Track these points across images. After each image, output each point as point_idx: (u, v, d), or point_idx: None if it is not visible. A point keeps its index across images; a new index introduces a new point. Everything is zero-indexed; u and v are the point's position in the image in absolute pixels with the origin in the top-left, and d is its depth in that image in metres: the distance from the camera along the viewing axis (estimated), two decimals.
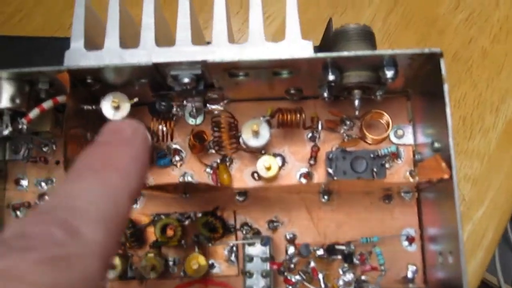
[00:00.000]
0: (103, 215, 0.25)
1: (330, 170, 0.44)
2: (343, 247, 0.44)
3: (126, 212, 0.28)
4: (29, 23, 0.62)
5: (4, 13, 0.62)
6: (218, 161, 0.47)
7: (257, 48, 0.39)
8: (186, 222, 0.46)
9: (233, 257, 0.46)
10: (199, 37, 0.47)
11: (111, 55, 0.40)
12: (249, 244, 0.44)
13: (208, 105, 0.48)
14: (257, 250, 0.44)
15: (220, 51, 0.40)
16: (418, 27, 0.65)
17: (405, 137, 0.47)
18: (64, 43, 0.41)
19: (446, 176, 0.38)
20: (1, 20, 0.62)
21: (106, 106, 0.43)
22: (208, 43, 0.41)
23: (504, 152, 0.61)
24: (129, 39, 0.43)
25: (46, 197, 0.48)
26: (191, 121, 0.47)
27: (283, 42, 0.40)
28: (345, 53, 0.39)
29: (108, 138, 0.31)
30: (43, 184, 0.48)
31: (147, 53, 0.40)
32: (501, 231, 0.60)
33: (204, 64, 0.39)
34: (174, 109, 0.47)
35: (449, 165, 0.38)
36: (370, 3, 0.65)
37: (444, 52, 0.41)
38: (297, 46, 0.39)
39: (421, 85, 0.44)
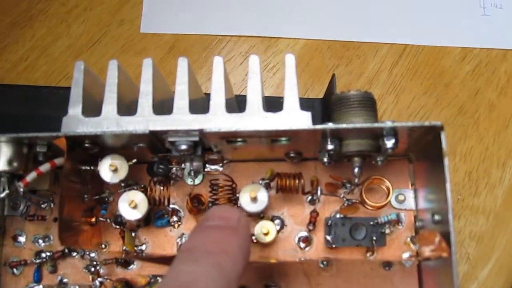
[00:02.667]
0: None
1: (329, 238, 0.44)
2: None
3: None
4: (34, 72, 0.62)
5: (9, 61, 0.63)
6: None
7: (254, 118, 0.39)
8: None
9: None
10: (197, 92, 0.47)
11: (109, 122, 0.40)
12: None
13: (207, 165, 0.47)
14: None
15: (217, 120, 0.39)
16: (424, 79, 0.64)
17: (406, 201, 0.46)
18: (67, 93, 0.41)
19: (444, 255, 0.37)
20: (6, 68, 0.62)
21: (104, 169, 0.43)
22: (208, 94, 0.40)
23: (510, 209, 0.59)
24: (131, 103, 0.42)
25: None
26: (190, 181, 0.47)
27: (281, 113, 0.39)
28: (343, 126, 0.38)
29: (217, 223, 0.33)
30: (40, 241, 0.48)
31: (144, 120, 0.40)
32: None
33: (201, 132, 0.39)
34: (174, 169, 0.47)
35: (449, 243, 0.37)
36: (375, 54, 0.65)
37: (450, 104, 0.40)
38: (295, 116, 0.39)
39: (422, 151, 0.44)
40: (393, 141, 0.40)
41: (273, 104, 0.42)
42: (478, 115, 0.63)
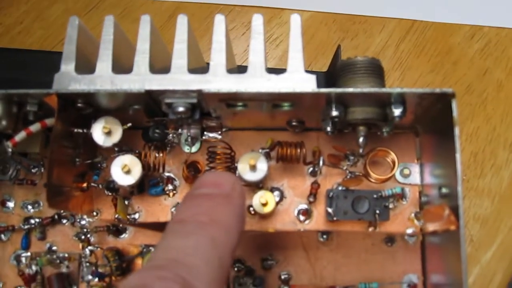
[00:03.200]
0: (214, 275, 0.26)
1: (330, 210, 0.42)
2: None
3: (228, 269, 0.29)
4: (29, 36, 0.60)
5: (3, 25, 0.60)
6: None
7: (256, 80, 0.37)
8: None
9: None
10: (198, 61, 0.45)
11: (103, 80, 0.38)
12: (240, 284, 0.41)
13: (205, 132, 0.46)
14: None
15: (217, 81, 0.37)
16: (432, 56, 0.62)
17: (412, 176, 0.44)
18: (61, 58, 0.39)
19: (453, 228, 0.35)
20: (0, 31, 0.60)
21: (97, 131, 0.41)
22: (208, 64, 0.38)
23: None
24: (127, 64, 0.40)
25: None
26: (187, 149, 0.45)
27: (285, 75, 0.37)
28: (350, 90, 0.36)
29: (209, 191, 0.31)
30: (29, 207, 0.46)
31: (140, 79, 0.38)
32: (510, 275, 0.57)
33: (199, 93, 0.37)
34: (170, 136, 0.45)
35: (457, 216, 0.35)
36: (382, 29, 0.63)
37: (457, 83, 0.38)
38: (299, 79, 0.37)
39: (431, 123, 0.42)
40: (401, 109, 0.38)
41: None
42: (486, 95, 0.61)
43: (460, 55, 0.62)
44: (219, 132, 0.45)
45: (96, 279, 0.43)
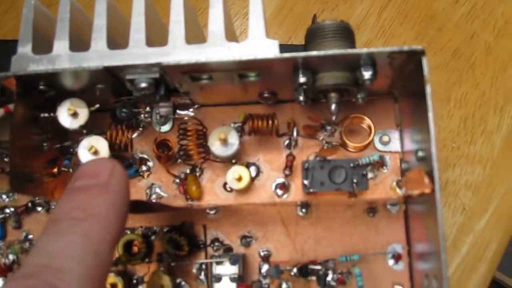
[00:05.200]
0: (88, 273, 0.25)
1: (306, 182, 0.40)
2: (319, 267, 0.40)
3: (108, 263, 0.27)
4: (1, 27, 0.59)
5: None
6: (188, 171, 0.44)
7: (216, 49, 0.36)
8: (152, 238, 0.43)
9: (202, 276, 0.42)
10: (197, 35, 0.44)
11: (61, 59, 0.37)
12: (217, 263, 0.40)
13: (177, 110, 0.44)
14: (226, 269, 0.40)
15: (177, 53, 0.36)
16: (415, 23, 0.60)
17: (392, 143, 0.43)
18: None
19: (427, 191, 0.34)
20: None
21: (63, 114, 0.40)
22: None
23: (509, 156, 0.56)
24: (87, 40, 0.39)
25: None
26: (158, 127, 0.44)
27: (246, 42, 0.36)
28: (314, 53, 0.34)
29: (85, 183, 0.29)
30: (4, 196, 0.45)
31: (99, 56, 0.37)
32: (506, 242, 0.55)
33: (160, 67, 0.36)
34: (142, 115, 0.44)
35: (432, 178, 0.34)
36: None
37: (443, 48, 0.37)
38: (261, 46, 0.36)
39: (406, 86, 0.40)
40: (370, 72, 0.36)
41: None
42: (474, 59, 0.59)
43: (445, 20, 0.60)
44: (191, 110, 0.44)
45: None
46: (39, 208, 0.45)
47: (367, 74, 0.36)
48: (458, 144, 0.56)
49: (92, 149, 0.39)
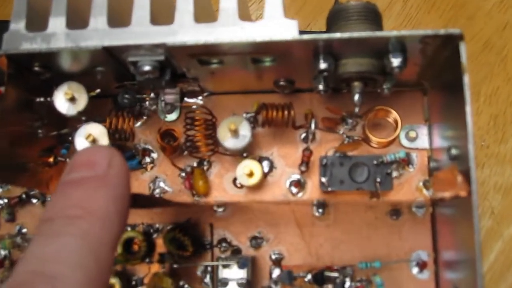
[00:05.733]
0: (87, 279, 0.22)
1: (324, 180, 0.37)
2: (336, 274, 0.36)
3: (109, 266, 0.24)
4: (4, 7, 0.56)
5: None
6: (195, 164, 0.40)
7: (228, 29, 0.32)
8: (154, 236, 0.40)
9: (207, 279, 0.39)
10: (208, 13, 0.40)
11: (56, 37, 0.34)
12: (224, 266, 0.37)
13: (185, 98, 0.41)
14: (233, 273, 0.37)
15: (184, 32, 0.32)
16: (444, 11, 0.56)
17: (419, 139, 0.39)
18: None
19: (463, 194, 0.30)
20: None
21: (59, 98, 0.37)
22: None
23: None
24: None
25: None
26: (164, 116, 0.40)
27: (261, 22, 0.32)
28: (337, 35, 0.31)
29: (81, 175, 0.26)
30: None
31: (98, 34, 0.33)
32: None
33: (165, 48, 0.32)
34: (147, 102, 0.40)
35: (468, 180, 0.30)
36: None
37: (473, 39, 0.33)
38: (278, 26, 0.32)
39: (438, 77, 0.36)
40: (400, 59, 0.32)
41: None
42: (506, 52, 0.55)
43: (476, 8, 0.56)
44: (200, 97, 0.41)
45: None
46: (34, 200, 0.42)
47: (396, 61, 0.32)
48: (487, 143, 0.51)
49: (90, 137, 0.36)
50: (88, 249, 0.23)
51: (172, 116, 0.40)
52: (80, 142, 0.37)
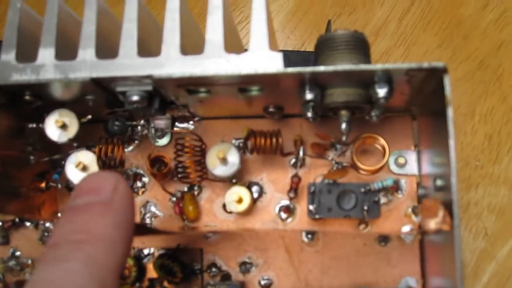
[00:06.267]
0: None
1: (312, 207, 0.37)
2: None
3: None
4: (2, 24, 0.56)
5: None
6: (185, 189, 0.40)
7: (214, 61, 0.32)
8: (145, 261, 0.40)
9: None
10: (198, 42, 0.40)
11: (45, 68, 0.34)
12: None
13: (176, 123, 0.41)
14: None
15: (170, 64, 0.33)
16: (439, 29, 0.56)
17: (408, 165, 0.39)
18: None
19: (445, 228, 0.30)
20: None
21: (50, 126, 0.37)
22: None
23: None
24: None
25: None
26: (156, 142, 0.41)
27: (246, 54, 0.32)
28: (321, 68, 0.31)
29: (86, 200, 0.26)
30: None
31: (86, 66, 0.34)
32: None
33: (152, 79, 0.33)
34: (139, 128, 0.41)
35: (451, 213, 0.30)
36: (383, 2, 0.57)
37: (469, 58, 0.33)
38: (263, 58, 0.32)
39: (425, 104, 0.36)
40: (385, 89, 0.32)
41: None
42: (501, 71, 0.54)
43: (471, 27, 0.56)
44: (191, 122, 0.41)
45: None
46: (28, 223, 0.42)
47: (381, 92, 0.32)
48: (482, 163, 0.51)
49: (80, 165, 0.36)
50: (93, 274, 0.23)
51: (163, 141, 0.41)
52: (71, 169, 0.37)
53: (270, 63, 0.32)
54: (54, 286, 0.22)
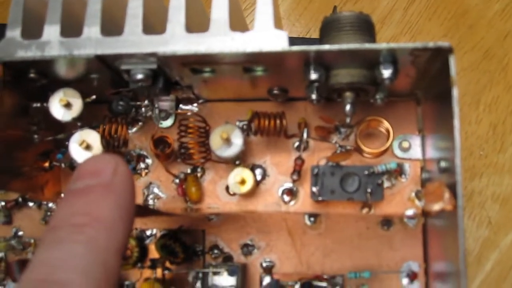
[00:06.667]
0: (96, 285, 0.22)
1: (315, 189, 0.37)
2: (324, 284, 0.36)
3: (116, 274, 0.24)
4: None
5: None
6: (189, 171, 0.40)
7: (219, 39, 0.32)
8: (147, 242, 0.40)
9: (198, 284, 0.39)
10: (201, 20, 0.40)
11: (51, 45, 0.34)
12: (214, 273, 0.37)
13: (181, 105, 0.41)
14: (223, 280, 0.37)
15: (175, 42, 0.33)
16: (445, 19, 0.56)
17: (412, 150, 0.39)
18: None
19: (448, 208, 0.30)
20: None
21: (55, 105, 0.37)
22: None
23: None
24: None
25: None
26: (160, 123, 0.41)
27: (251, 33, 0.32)
28: (326, 47, 0.31)
29: (86, 183, 0.26)
30: None
31: (91, 43, 0.34)
32: None
33: (157, 57, 0.33)
34: (143, 109, 0.41)
35: (454, 194, 0.30)
36: None
37: (474, 48, 0.33)
38: (268, 37, 0.32)
39: (430, 87, 0.36)
40: (390, 70, 0.32)
41: None
42: (507, 61, 0.54)
43: (477, 17, 0.55)
44: (195, 104, 0.41)
45: None
46: (31, 203, 0.42)
47: (386, 73, 0.32)
48: (486, 152, 0.51)
49: (84, 144, 0.36)
50: (95, 256, 0.23)
51: (167, 123, 0.41)
52: (74, 148, 0.37)
53: (275, 41, 0.32)
54: (57, 266, 0.22)
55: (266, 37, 0.32)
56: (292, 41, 0.40)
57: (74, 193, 0.26)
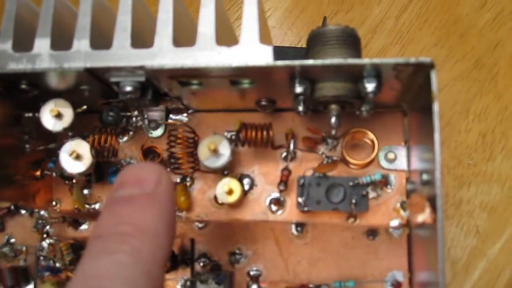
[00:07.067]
0: None
1: (301, 199, 0.37)
2: None
3: (161, 283, 0.24)
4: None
5: None
6: (178, 180, 0.41)
7: (205, 53, 0.33)
8: None
9: None
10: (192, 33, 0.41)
11: (41, 58, 0.35)
12: (201, 281, 0.38)
13: (171, 115, 0.42)
14: None
15: (162, 56, 0.33)
16: (436, 28, 0.56)
17: (398, 161, 0.39)
18: None
19: (428, 221, 0.30)
20: None
21: (46, 115, 0.38)
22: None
23: None
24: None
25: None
26: (150, 133, 0.41)
27: (237, 47, 0.33)
28: (309, 62, 0.31)
29: (130, 192, 0.26)
30: None
31: (81, 56, 0.34)
32: None
33: (145, 70, 0.33)
34: (134, 119, 0.41)
35: (434, 207, 0.30)
36: (380, 0, 0.57)
37: (465, 57, 0.33)
38: (254, 52, 0.33)
39: (414, 100, 0.37)
40: (374, 84, 0.33)
41: None
42: (497, 70, 0.55)
43: (468, 26, 0.56)
44: (185, 115, 0.42)
45: (47, 273, 0.40)
46: (23, 211, 0.43)
47: (370, 87, 0.33)
48: (475, 161, 0.52)
49: (74, 154, 0.37)
50: (140, 267, 0.23)
51: (157, 132, 0.41)
52: (65, 158, 0.38)
53: (261, 56, 0.32)
54: (102, 277, 0.22)
55: (252, 51, 0.33)
56: (283, 50, 0.41)
57: (118, 201, 0.26)
